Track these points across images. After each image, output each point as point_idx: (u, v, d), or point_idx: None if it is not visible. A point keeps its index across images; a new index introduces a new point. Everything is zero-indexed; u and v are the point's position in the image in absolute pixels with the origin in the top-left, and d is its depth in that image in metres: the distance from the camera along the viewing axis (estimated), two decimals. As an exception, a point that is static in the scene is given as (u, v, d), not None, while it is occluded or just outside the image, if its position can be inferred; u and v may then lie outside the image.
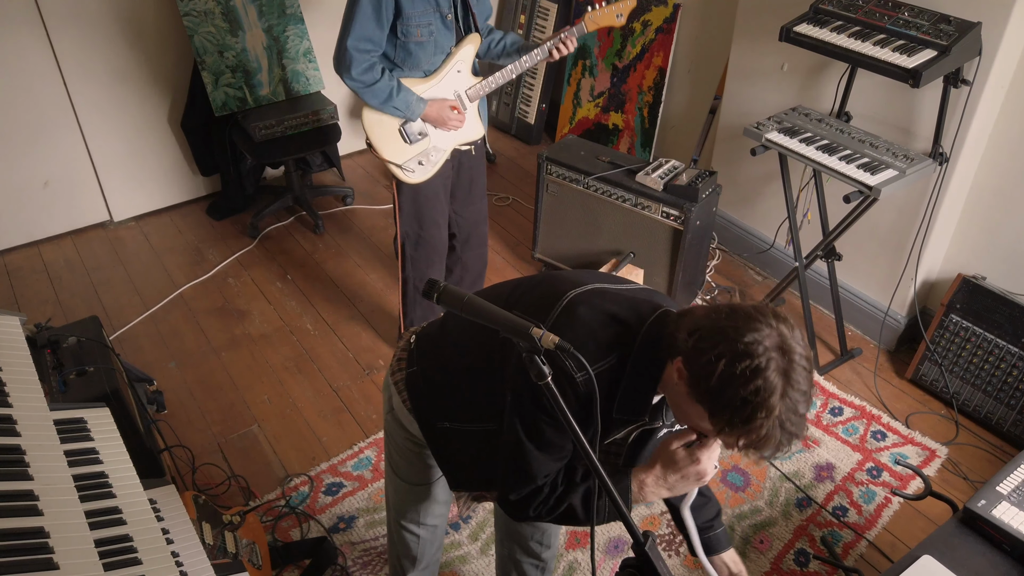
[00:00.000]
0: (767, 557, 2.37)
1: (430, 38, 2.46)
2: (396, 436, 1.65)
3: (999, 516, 1.70)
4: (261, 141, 3.56)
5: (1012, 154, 2.71)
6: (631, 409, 1.29)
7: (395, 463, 1.71)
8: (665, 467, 1.31)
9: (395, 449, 1.68)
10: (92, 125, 3.63)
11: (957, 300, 2.84)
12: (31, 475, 1.33)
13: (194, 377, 3.00)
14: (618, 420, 1.32)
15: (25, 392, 1.53)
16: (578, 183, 3.19)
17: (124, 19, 3.51)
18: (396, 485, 1.76)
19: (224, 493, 2.53)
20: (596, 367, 1.22)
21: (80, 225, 3.85)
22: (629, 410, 1.29)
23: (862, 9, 2.61)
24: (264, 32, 3.70)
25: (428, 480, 1.71)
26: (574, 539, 2.41)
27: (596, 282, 1.36)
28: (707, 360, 1.12)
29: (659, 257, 3.12)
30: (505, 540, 1.90)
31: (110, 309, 3.34)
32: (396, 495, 1.78)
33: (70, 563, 1.19)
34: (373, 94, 2.45)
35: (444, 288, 1.12)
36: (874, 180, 2.49)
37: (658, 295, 1.40)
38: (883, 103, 2.86)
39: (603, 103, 4.29)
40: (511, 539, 1.87)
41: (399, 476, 1.73)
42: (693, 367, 1.15)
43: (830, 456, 2.69)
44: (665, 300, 1.37)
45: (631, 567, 1.14)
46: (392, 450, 1.70)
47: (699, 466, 1.29)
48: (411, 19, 2.40)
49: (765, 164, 3.27)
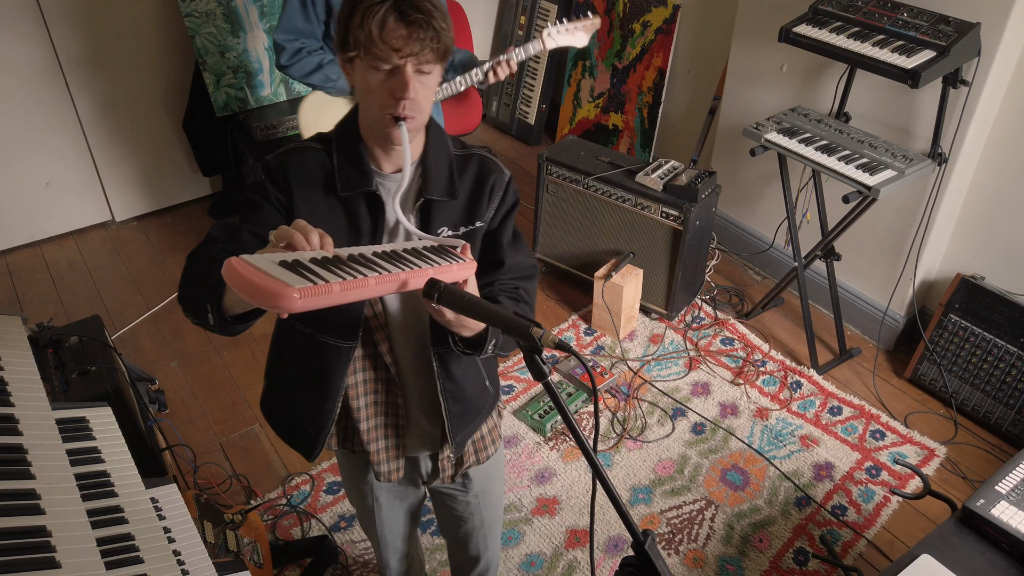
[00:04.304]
0: (766, 556, 2.38)
1: None
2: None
3: (998, 515, 1.70)
4: (262, 141, 3.56)
5: (1011, 154, 2.71)
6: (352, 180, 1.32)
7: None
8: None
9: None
10: (93, 125, 3.64)
11: (956, 300, 2.85)
12: (33, 474, 1.34)
13: (195, 376, 3.01)
14: (349, 199, 1.32)
15: (27, 391, 1.53)
16: (578, 183, 3.20)
17: (126, 20, 3.52)
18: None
19: (225, 492, 2.53)
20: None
21: (82, 225, 3.86)
22: (351, 182, 1.32)
23: (861, 10, 2.62)
24: (265, 33, 3.71)
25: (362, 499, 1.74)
26: (574, 538, 2.42)
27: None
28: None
29: (659, 257, 3.12)
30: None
31: (112, 309, 3.35)
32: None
33: (72, 562, 1.20)
34: (302, 66, 2.51)
35: (444, 288, 1.12)
36: (873, 180, 2.49)
37: None
38: (882, 104, 2.86)
39: (603, 104, 4.29)
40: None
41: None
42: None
43: (829, 455, 2.70)
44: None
45: (631, 566, 1.14)
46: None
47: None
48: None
49: (764, 164, 3.28)
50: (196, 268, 1.24)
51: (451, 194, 1.37)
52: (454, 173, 1.38)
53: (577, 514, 2.50)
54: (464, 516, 1.74)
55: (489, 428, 1.63)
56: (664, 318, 3.28)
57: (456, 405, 1.48)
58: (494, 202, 1.42)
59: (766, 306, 3.34)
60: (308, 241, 1.05)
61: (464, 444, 1.57)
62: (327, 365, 1.40)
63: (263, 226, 1.26)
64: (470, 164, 1.41)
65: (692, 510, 2.52)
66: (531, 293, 1.46)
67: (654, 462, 2.68)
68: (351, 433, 1.53)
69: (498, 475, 1.75)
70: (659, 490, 2.58)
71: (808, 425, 2.81)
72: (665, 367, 3.07)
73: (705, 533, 2.45)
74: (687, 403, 2.90)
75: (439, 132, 1.40)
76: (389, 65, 1.20)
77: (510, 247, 1.44)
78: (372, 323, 1.39)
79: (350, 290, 1.00)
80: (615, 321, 3.12)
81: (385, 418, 1.50)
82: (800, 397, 2.93)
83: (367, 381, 1.46)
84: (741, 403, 2.91)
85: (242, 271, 0.93)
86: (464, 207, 1.39)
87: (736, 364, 3.08)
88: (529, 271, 1.46)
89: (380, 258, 1.13)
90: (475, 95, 4.39)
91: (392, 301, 1.40)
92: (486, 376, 1.55)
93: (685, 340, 3.20)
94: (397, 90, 1.21)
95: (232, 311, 1.13)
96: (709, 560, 2.37)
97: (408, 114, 1.23)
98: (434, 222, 1.36)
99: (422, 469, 1.63)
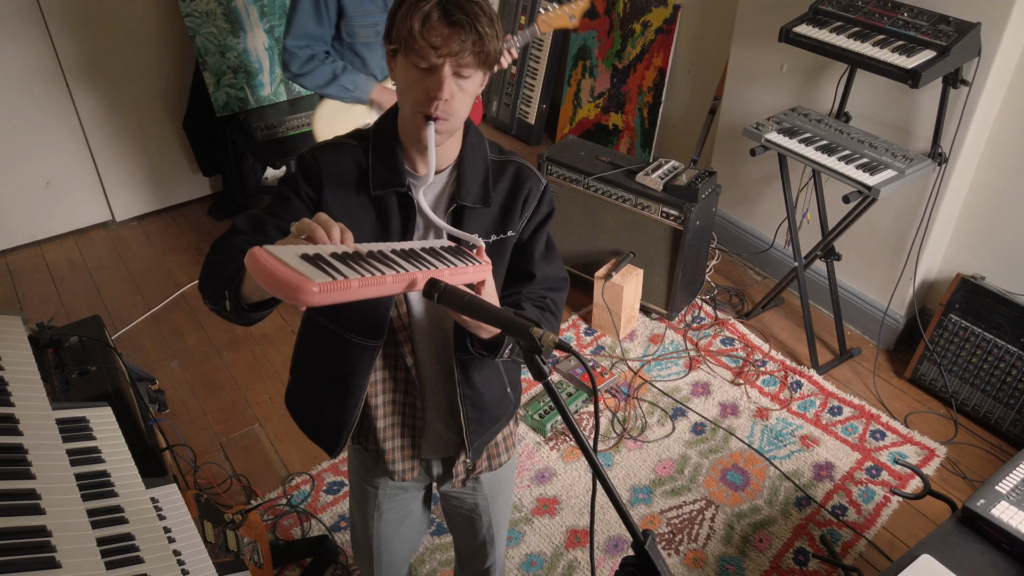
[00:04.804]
0: (766, 556, 2.38)
1: (377, 39, 2.42)
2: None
3: (998, 515, 1.70)
4: (262, 141, 3.56)
5: (1011, 154, 2.71)
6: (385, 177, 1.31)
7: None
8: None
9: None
10: (94, 125, 3.64)
11: (956, 300, 2.85)
12: (33, 474, 1.34)
13: (196, 376, 3.01)
14: (380, 197, 1.32)
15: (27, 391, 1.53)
16: (578, 183, 3.20)
17: (126, 20, 3.52)
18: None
19: (226, 492, 2.54)
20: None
21: (82, 225, 3.86)
22: (384, 180, 1.31)
23: (861, 10, 2.62)
24: (265, 33, 3.71)
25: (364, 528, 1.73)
26: (574, 538, 2.42)
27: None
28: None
29: (659, 257, 3.12)
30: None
31: (112, 309, 3.35)
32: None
33: (72, 562, 1.20)
34: (316, 76, 2.42)
35: (445, 288, 1.12)
36: (873, 180, 2.49)
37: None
38: (882, 103, 2.86)
39: (603, 104, 4.29)
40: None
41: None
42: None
43: (829, 455, 2.70)
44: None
45: (631, 566, 1.14)
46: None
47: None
48: (354, 19, 2.36)
49: (765, 164, 3.28)
50: (217, 256, 1.24)
51: (485, 201, 1.35)
52: (489, 180, 1.36)
53: (577, 514, 2.50)
54: (472, 516, 1.74)
55: (505, 436, 1.63)
56: (664, 318, 3.28)
57: (475, 412, 1.47)
58: (528, 211, 1.40)
59: (766, 306, 3.34)
60: (329, 235, 1.05)
61: (481, 451, 1.56)
62: (351, 363, 1.39)
63: (288, 220, 1.25)
64: (506, 171, 1.39)
65: (692, 510, 2.52)
66: (559, 304, 1.45)
67: (654, 462, 2.68)
68: (366, 431, 1.52)
69: (509, 479, 1.75)
70: (659, 490, 2.58)
71: (808, 425, 2.81)
72: (665, 367, 3.07)
73: (705, 533, 2.45)
74: (687, 403, 2.90)
75: (478, 137, 1.38)
76: (427, 63, 1.19)
77: (542, 259, 1.43)
78: (396, 324, 1.39)
79: (368, 287, 1.00)
80: (615, 321, 3.12)
81: (403, 418, 1.50)
82: (800, 397, 2.93)
83: (386, 379, 1.46)
84: (741, 403, 2.91)
85: (264, 262, 0.93)
86: (497, 215, 1.38)
87: (736, 364, 3.08)
88: (559, 284, 1.46)
89: (399, 256, 1.13)
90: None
91: (417, 303, 1.39)
92: (508, 382, 1.54)
93: (685, 340, 3.20)
94: (432, 89, 1.20)
95: (249, 299, 1.13)
96: (709, 560, 2.37)
97: (440, 115, 1.22)
98: (466, 229, 1.34)
99: (434, 472, 1.63)
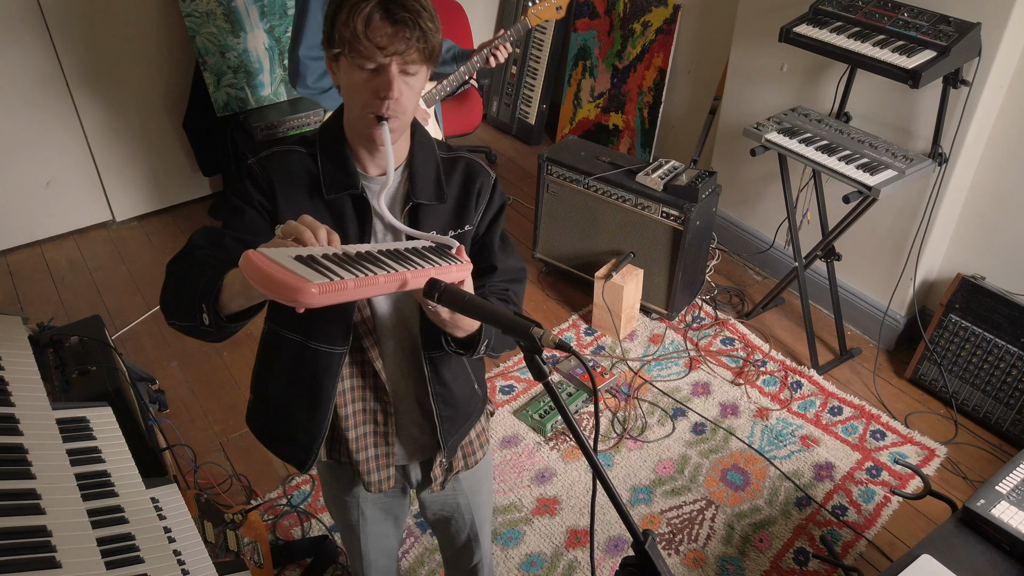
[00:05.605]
0: (767, 556, 2.37)
1: None
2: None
3: (998, 515, 1.70)
4: (263, 141, 3.57)
5: (1011, 154, 2.71)
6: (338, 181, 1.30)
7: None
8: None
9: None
10: (94, 125, 3.64)
11: (956, 300, 2.85)
12: (33, 474, 1.34)
13: (196, 376, 3.01)
14: (334, 201, 1.31)
15: (27, 391, 1.54)
16: (578, 183, 3.20)
17: (126, 20, 3.52)
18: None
19: (226, 492, 2.54)
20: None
21: (82, 225, 3.86)
22: (337, 183, 1.30)
23: (861, 10, 2.62)
24: (266, 33, 3.71)
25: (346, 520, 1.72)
26: (574, 538, 2.42)
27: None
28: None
29: (659, 257, 3.12)
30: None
31: (112, 309, 3.35)
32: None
33: (72, 562, 1.20)
34: (332, 97, 2.40)
35: (445, 288, 1.12)
36: (873, 180, 2.49)
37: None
38: (882, 104, 2.86)
39: (603, 104, 4.29)
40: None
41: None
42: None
43: (829, 455, 2.70)
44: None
45: (631, 566, 1.14)
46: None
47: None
48: None
49: (765, 164, 3.28)
50: (183, 272, 1.23)
51: (440, 198, 1.36)
52: (441, 177, 1.37)
53: (577, 514, 2.50)
54: (454, 516, 1.74)
55: (477, 432, 1.62)
56: (664, 318, 3.28)
57: (448, 409, 1.47)
58: (481, 205, 1.41)
59: (766, 306, 3.34)
60: (316, 237, 1.05)
61: (455, 449, 1.56)
62: (318, 372, 1.37)
63: (246, 231, 1.25)
64: (456, 167, 1.40)
65: (692, 510, 2.52)
66: (519, 295, 1.45)
67: (654, 462, 2.68)
68: (338, 443, 1.50)
69: (487, 476, 1.75)
70: (659, 490, 2.58)
71: (808, 425, 2.81)
72: (665, 367, 3.07)
73: (705, 533, 2.45)
74: (687, 403, 2.90)
75: (425, 135, 1.39)
76: (374, 64, 1.19)
77: (500, 251, 1.43)
78: (361, 328, 1.38)
79: (363, 287, 1.00)
80: (615, 321, 3.12)
81: (374, 426, 1.48)
82: (800, 397, 2.93)
83: (355, 388, 1.44)
84: (741, 403, 2.91)
85: (260, 264, 0.93)
86: (452, 211, 1.38)
87: (736, 364, 3.08)
88: (519, 274, 1.46)
89: (386, 256, 1.13)
90: (475, 95, 4.39)
91: (381, 305, 1.38)
92: (475, 379, 1.54)
93: (685, 340, 3.20)
94: (381, 89, 1.20)
95: (228, 310, 1.12)
96: (709, 560, 2.37)
97: (391, 114, 1.22)
98: (423, 226, 1.34)
99: (412, 478, 1.62)
